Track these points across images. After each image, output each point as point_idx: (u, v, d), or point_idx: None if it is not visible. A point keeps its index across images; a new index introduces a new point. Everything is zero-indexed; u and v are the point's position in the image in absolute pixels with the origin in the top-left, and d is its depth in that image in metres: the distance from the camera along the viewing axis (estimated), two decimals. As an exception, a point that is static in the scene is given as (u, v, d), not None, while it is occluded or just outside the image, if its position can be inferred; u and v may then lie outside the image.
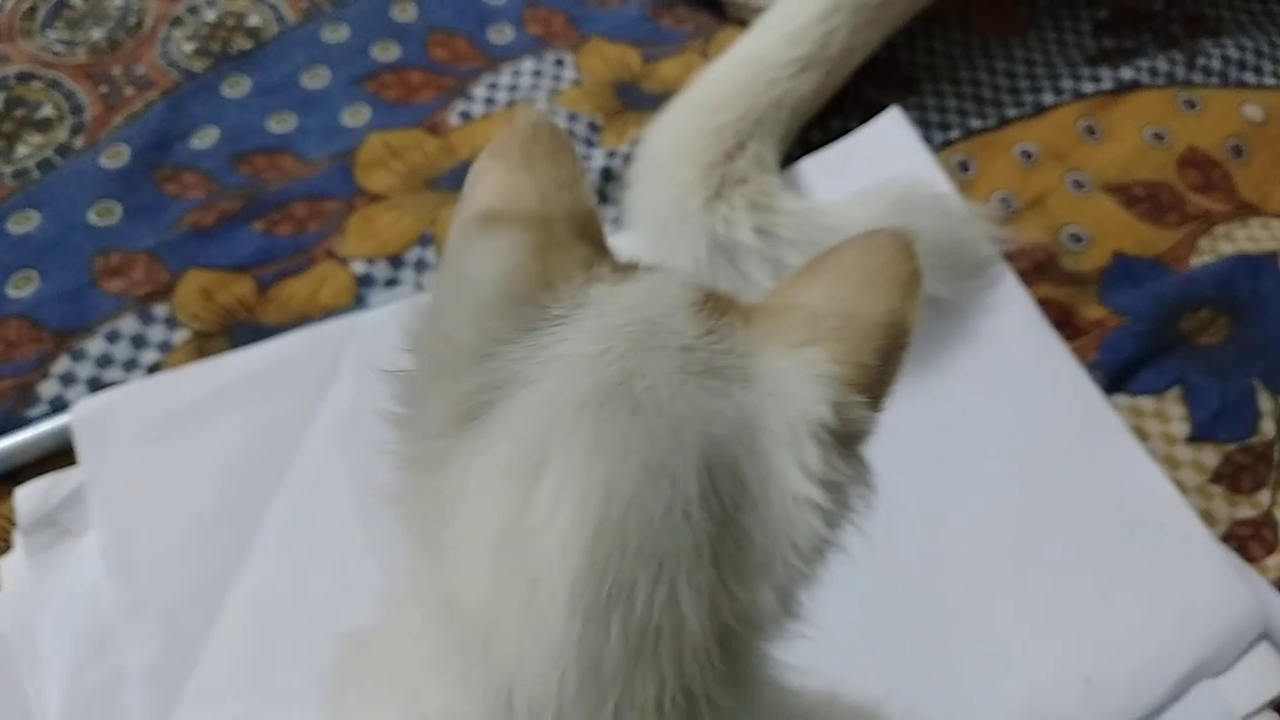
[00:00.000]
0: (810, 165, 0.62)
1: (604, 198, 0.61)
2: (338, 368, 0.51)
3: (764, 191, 0.57)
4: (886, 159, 0.61)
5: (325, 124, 0.63)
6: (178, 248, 0.57)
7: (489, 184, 0.28)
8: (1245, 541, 0.51)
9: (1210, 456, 0.55)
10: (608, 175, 0.62)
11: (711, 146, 0.58)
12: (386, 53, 0.67)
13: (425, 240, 0.58)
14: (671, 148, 0.59)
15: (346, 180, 0.61)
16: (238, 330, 0.55)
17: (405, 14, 0.70)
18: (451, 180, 0.61)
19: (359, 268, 0.57)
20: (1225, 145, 0.67)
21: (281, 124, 0.63)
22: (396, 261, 0.57)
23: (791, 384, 0.24)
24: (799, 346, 0.24)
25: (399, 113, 0.64)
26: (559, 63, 0.68)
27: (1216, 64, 0.71)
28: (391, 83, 0.66)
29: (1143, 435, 0.55)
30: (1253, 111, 0.69)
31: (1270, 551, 0.51)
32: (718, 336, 0.24)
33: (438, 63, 0.67)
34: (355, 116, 0.64)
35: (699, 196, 0.56)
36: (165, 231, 0.58)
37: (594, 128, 0.65)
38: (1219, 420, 0.56)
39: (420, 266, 0.57)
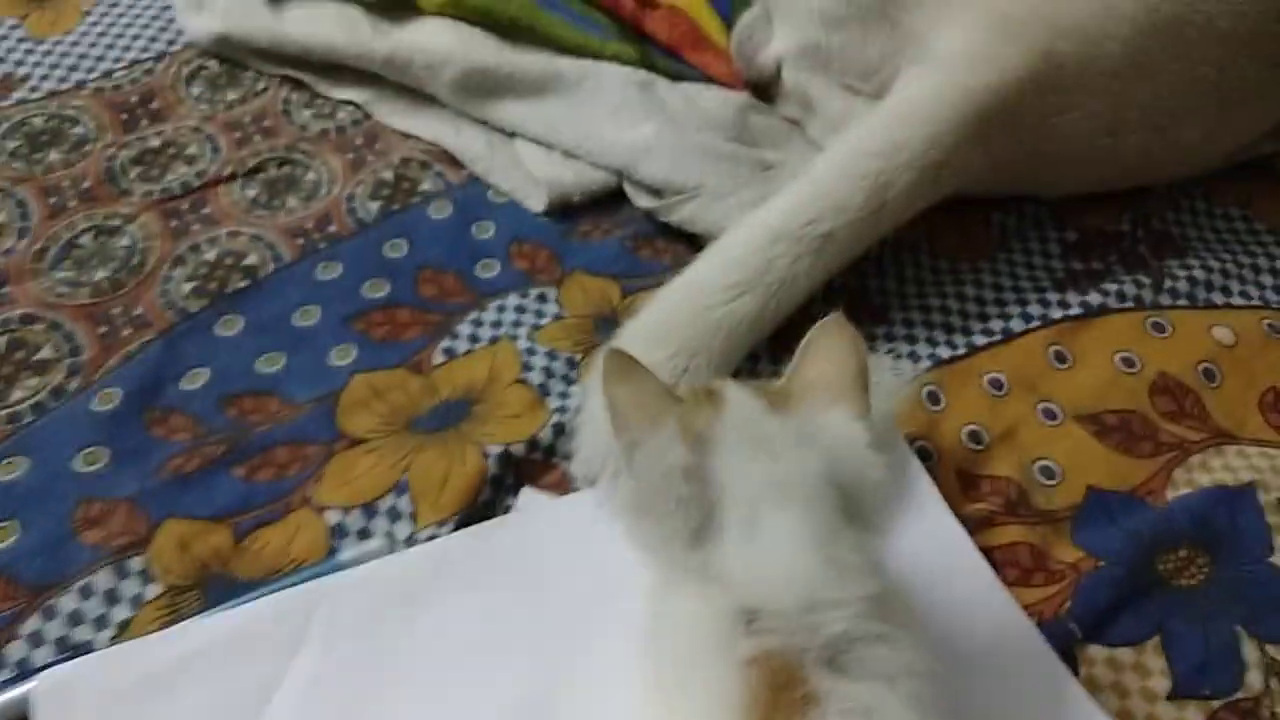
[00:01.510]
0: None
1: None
2: (303, 636, 0.50)
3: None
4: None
5: (313, 364, 0.65)
6: (158, 496, 0.58)
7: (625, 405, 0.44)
8: (1235, 817, 0.49)
9: (1195, 715, 0.52)
10: (582, 416, 0.62)
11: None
12: (377, 290, 0.69)
13: (400, 488, 0.58)
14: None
15: (328, 424, 0.61)
16: (211, 583, 0.55)
17: (397, 251, 0.72)
18: (431, 421, 0.62)
19: (333, 517, 0.57)
20: (1196, 370, 0.67)
21: (270, 364, 0.65)
22: (370, 510, 0.57)
23: (844, 430, 0.42)
24: (830, 407, 0.43)
25: (385, 352, 0.66)
26: (541, 298, 0.69)
27: (1184, 285, 0.72)
28: (380, 320, 0.68)
29: (1122, 692, 0.53)
30: (1222, 334, 0.69)
31: (1262, 828, 0.49)
32: (789, 422, 0.43)
33: (426, 300, 0.69)
34: (342, 356, 0.65)
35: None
36: (148, 478, 0.59)
37: (572, 364, 0.65)
38: (1202, 673, 0.54)
39: (393, 515, 0.57)
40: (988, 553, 0.56)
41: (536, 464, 0.60)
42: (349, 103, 0.81)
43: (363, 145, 0.79)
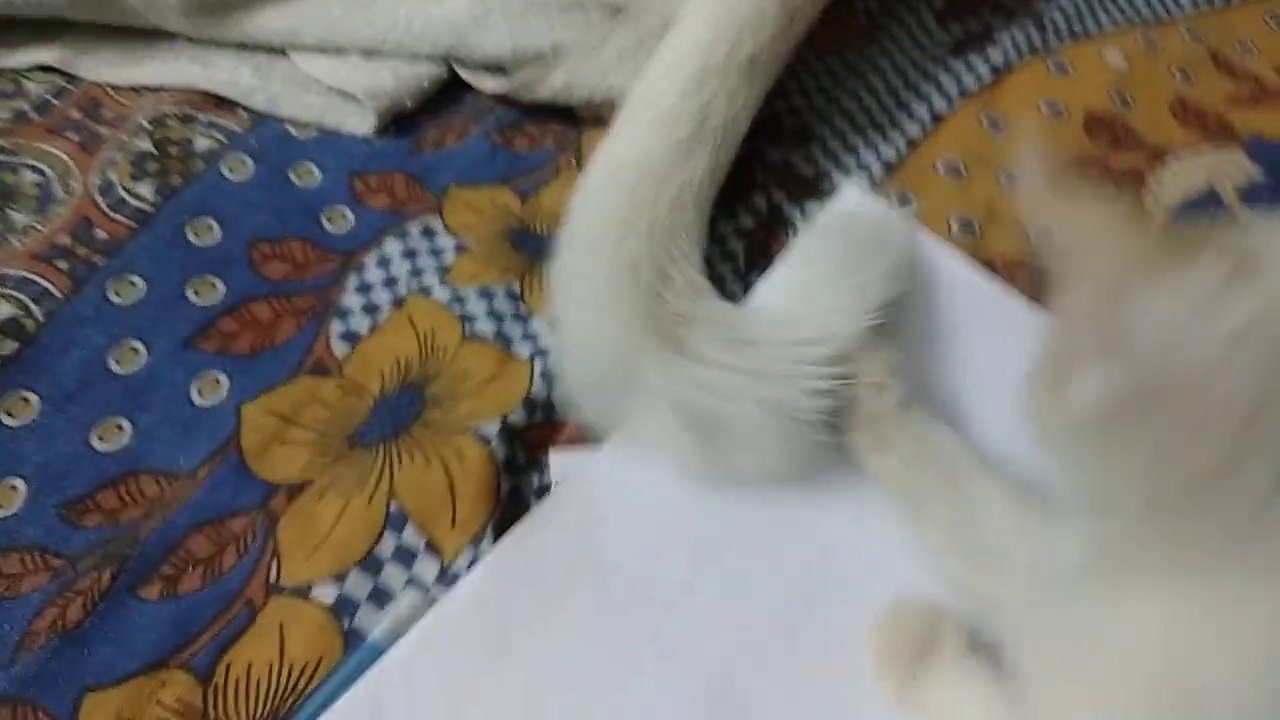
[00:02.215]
0: (776, 282, 0.52)
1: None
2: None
3: (725, 324, 0.47)
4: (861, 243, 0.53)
5: (175, 415, 0.46)
6: (48, 678, 0.38)
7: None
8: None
9: None
10: (566, 350, 0.49)
11: (630, 292, 0.47)
12: (208, 293, 0.51)
13: (396, 520, 0.43)
14: (588, 309, 0.47)
15: (246, 480, 0.44)
16: (200, 754, 0.38)
17: (207, 235, 0.53)
18: (381, 426, 0.46)
19: (326, 594, 0.41)
20: (1111, 99, 0.66)
21: (113, 437, 0.45)
22: (371, 564, 0.42)
23: None
24: None
25: (263, 366, 0.48)
26: (427, 232, 0.54)
27: (1061, 22, 0.70)
28: (234, 329, 0.49)
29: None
30: (1115, 59, 0.68)
31: None
32: None
33: (279, 283, 0.51)
34: (210, 391, 0.47)
35: (652, 364, 0.45)
36: (13, 664, 0.39)
37: (514, 297, 0.52)
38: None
39: (406, 557, 0.42)
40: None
41: (542, 428, 0.47)
42: (38, 69, 0.59)
43: (85, 118, 0.57)
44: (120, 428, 0.46)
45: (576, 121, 0.61)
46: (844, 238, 0.52)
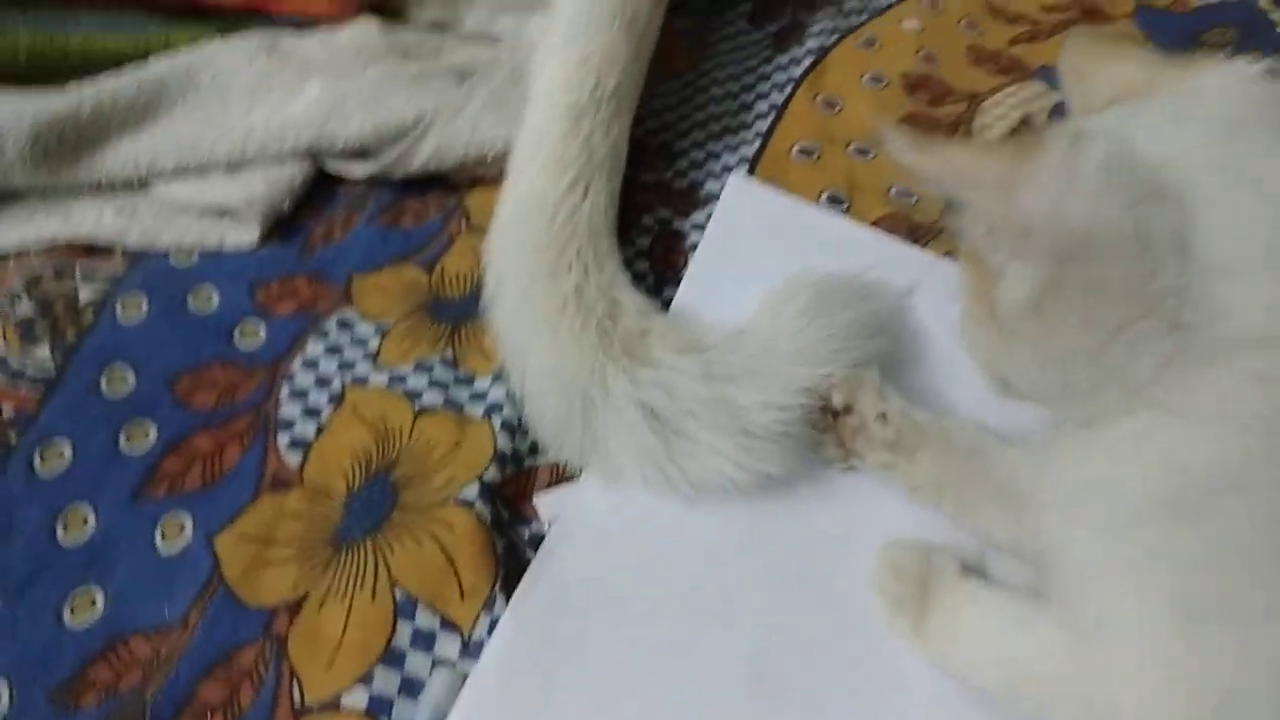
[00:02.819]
0: (691, 287, 0.54)
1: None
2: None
3: (679, 331, 0.48)
4: (759, 226, 0.55)
5: (145, 569, 0.43)
6: None
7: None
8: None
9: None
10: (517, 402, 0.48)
11: (583, 318, 0.48)
12: (140, 439, 0.48)
13: (405, 607, 0.41)
14: (544, 344, 0.48)
15: (240, 614, 0.41)
16: None
17: (121, 383, 0.50)
18: (356, 526, 0.44)
19: (356, 701, 0.39)
20: (919, 60, 0.70)
21: (85, 611, 0.42)
22: (392, 659, 0.40)
23: None
24: None
25: (223, 494, 0.45)
26: (343, 325, 0.53)
27: (856, 2, 0.74)
28: (178, 468, 0.47)
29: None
30: (910, 24, 0.73)
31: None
32: None
33: (212, 412, 0.49)
34: (172, 536, 0.44)
35: (617, 375, 0.45)
36: None
37: (450, 364, 0.51)
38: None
39: (425, 642, 0.41)
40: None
41: (517, 480, 0.46)
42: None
43: (-49, 296, 0.53)
44: (91, 599, 0.42)
45: (453, 187, 0.60)
46: (823, 281, 0.50)
